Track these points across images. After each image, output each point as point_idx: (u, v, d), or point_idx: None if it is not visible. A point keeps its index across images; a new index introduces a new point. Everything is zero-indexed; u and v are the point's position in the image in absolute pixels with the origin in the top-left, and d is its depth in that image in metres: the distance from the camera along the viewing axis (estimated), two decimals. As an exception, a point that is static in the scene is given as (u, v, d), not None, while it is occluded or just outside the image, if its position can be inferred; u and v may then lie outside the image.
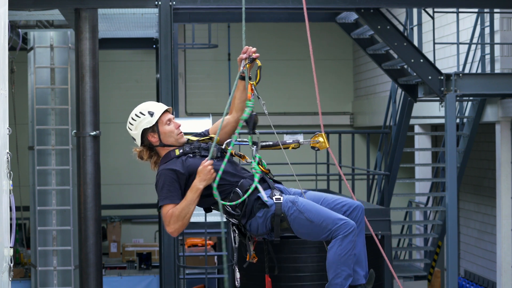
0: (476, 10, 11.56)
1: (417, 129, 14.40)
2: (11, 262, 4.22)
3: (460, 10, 11.51)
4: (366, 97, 18.10)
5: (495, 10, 11.07)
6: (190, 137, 4.77)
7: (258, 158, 4.64)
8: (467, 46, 12.04)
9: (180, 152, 4.62)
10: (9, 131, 4.25)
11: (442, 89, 10.04)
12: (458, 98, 10.95)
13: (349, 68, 19.31)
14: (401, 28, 12.49)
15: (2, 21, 4.23)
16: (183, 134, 4.72)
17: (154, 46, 13.39)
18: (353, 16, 11.01)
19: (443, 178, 12.02)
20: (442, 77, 10.09)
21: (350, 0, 9.61)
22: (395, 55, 11.11)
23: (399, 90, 12.27)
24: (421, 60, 10.05)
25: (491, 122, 11.74)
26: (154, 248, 15.76)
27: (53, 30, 11.96)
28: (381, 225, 10.03)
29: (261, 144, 4.68)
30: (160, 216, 5.84)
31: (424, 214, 13.93)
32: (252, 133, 4.61)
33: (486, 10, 11.34)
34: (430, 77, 10.09)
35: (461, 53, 12.01)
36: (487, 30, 11.53)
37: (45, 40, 12.14)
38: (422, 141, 14.35)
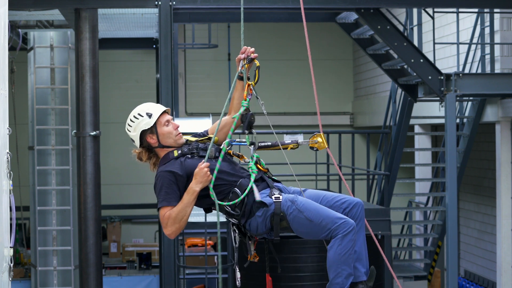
0: (476, 10, 11.56)
1: (417, 129, 14.39)
2: (11, 262, 4.21)
3: (460, 10, 11.51)
4: (366, 97, 18.09)
5: (495, 10, 11.06)
6: (189, 138, 4.77)
7: (256, 158, 4.64)
8: (467, 46, 12.04)
9: (179, 153, 4.62)
10: (9, 131, 4.25)
11: (442, 89, 10.04)
12: (458, 98, 10.95)
13: (349, 68, 19.30)
14: (401, 28, 12.49)
15: (2, 21, 4.23)
16: (182, 135, 4.72)
17: (154, 46, 13.39)
18: (353, 16, 11.01)
19: (443, 178, 12.02)
20: (442, 77, 10.08)
21: (350, 0, 9.61)
22: (395, 55, 11.10)
23: (399, 90, 12.27)
24: (421, 60, 10.05)
25: (491, 122, 11.73)
26: (154, 248, 15.75)
27: (53, 30, 11.96)
28: (381, 225, 10.02)
29: (259, 145, 4.68)
30: (160, 217, 5.84)
31: (424, 214, 13.92)
32: (249, 133, 4.61)
33: (486, 10, 11.33)
34: (430, 77, 10.09)
35: (461, 53, 12.01)
36: (487, 30, 11.53)
37: (45, 40, 12.13)
38: (422, 141, 14.34)
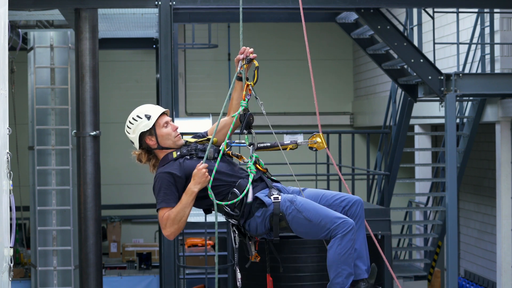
0: (476, 10, 11.56)
1: (417, 129, 14.39)
2: (11, 262, 4.21)
3: (460, 10, 11.51)
4: (366, 97, 18.09)
5: (495, 10, 11.06)
6: (188, 139, 4.77)
7: (255, 158, 4.64)
8: (467, 46, 12.04)
9: (178, 155, 4.62)
10: (9, 131, 4.25)
11: (442, 89, 10.04)
12: (458, 98, 10.95)
13: (349, 68, 19.30)
14: (401, 28, 12.49)
15: (2, 21, 4.23)
16: (181, 136, 4.72)
17: (154, 46, 13.39)
18: (353, 16, 11.01)
19: (443, 178, 12.02)
20: (442, 77, 10.09)
21: (350, 0, 9.61)
22: (395, 55, 11.10)
23: (399, 90, 12.27)
24: (421, 60, 10.05)
25: (491, 122, 11.73)
26: (154, 248, 15.75)
27: (53, 30, 11.96)
28: (381, 225, 10.02)
29: (258, 146, 4.68)
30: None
31: (424, 214, 13.92)
32: (248, 133, 4.61)
33: (486, 10, 11.33)
34: (430, 77, 10.09)
35: (461, 53, 12.01)
36: (487, 30, 11.53)
37: (45, 40, 12.13)
38: (422, 141, 14.34)
